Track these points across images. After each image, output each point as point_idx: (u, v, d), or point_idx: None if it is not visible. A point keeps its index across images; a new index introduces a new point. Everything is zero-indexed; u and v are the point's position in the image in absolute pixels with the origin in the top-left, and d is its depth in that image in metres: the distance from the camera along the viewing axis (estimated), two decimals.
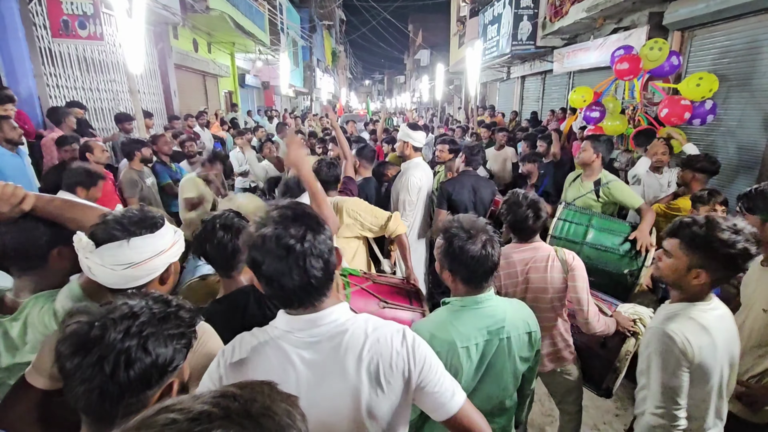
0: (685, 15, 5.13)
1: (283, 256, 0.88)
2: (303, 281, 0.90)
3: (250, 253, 0.91)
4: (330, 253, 0.94)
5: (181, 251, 1.22)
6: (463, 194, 3.11)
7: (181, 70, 8.89)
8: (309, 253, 0.89)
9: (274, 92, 16.67)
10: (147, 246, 1.10)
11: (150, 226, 1.13)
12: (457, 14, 16.61)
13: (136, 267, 1.08)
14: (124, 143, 3.88)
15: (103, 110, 6.39)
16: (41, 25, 5.01)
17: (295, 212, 0.93)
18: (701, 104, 4.35)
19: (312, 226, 0.92)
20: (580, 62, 7.56)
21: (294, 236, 0.89)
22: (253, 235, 0.91)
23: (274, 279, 0.90)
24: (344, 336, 0.96)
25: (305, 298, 0.94)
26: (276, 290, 0.92)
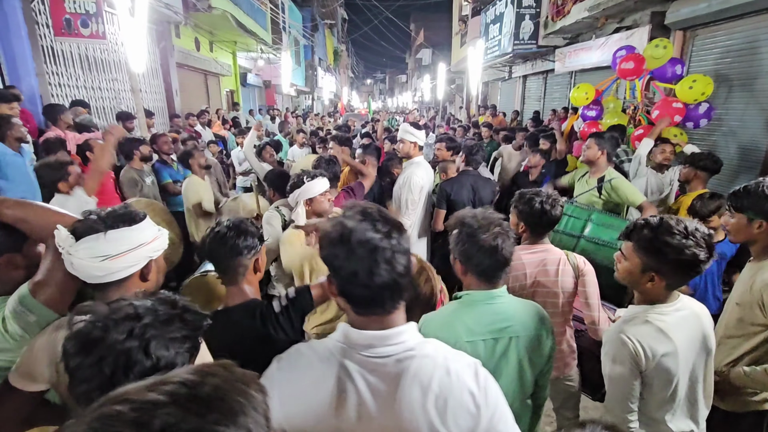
0: (686, 14, 5.12)
1: (371, 249, 0.83)
2: (389, 278, 0.85)
3: (331, 248, 0.86)
4: (408, 255, 0.89)
5: (163, 247, 1.22)
6: (462, 194, 3.11)
7: (182, 69, 8.91)
8: (396, 250, 0.85)
9: (275, 91, 16.68)
10: (124, 239, 1.10)
11: (128, 220, 1.13)
12: (459, 13, 16.59)
13: (112, 259, 1.08)
14: (121, 143, 3.88)
15: (104, 109, 6.40)
16: (44, 23, 5.03)
17: (378, 210, 0.90)
18: (696, 107, 4.33)
19: (395, 224, 0.88)
20: (582, 62, 7.54)
21: (382, 231, 0.85)
22: (334, 229, 0.86)
23: (358, 275, 0.84)
24: (412, 362, 0.88)
25: (386, 300, 0.87)
26: (357, 288, 0.86)
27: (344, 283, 0.87)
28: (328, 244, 0.87)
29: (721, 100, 4.98)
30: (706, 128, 5.03)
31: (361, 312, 0.89)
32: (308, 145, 6.32)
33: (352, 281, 0.86)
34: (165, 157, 4.23)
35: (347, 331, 0.91)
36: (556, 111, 8.54)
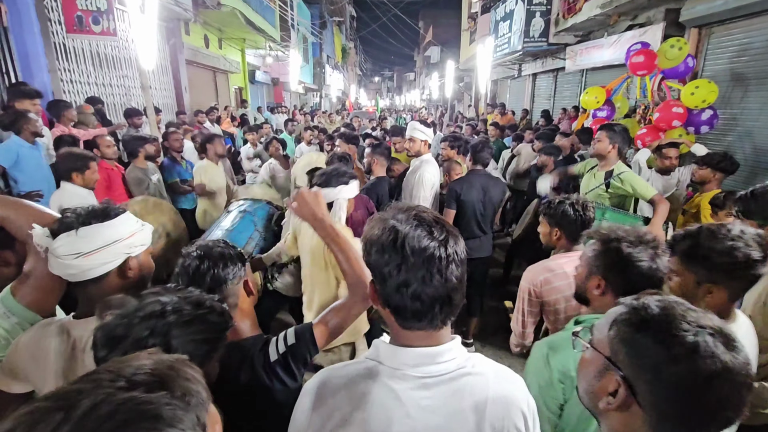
0: (702, 12, 5.01)
1: (426, 258, 0.75)
2: (443, 291, 0.77)
3: (380, 254, 0.77)
4: (464, 264, 0.80)
5: (144, 244, 1.18)
6: (471, 194, 3.07)
7: (192, 66, 8.95)
8: (452, 260, 0.76)
9: (283, 89, 16.71)
10: (96, 235, 1.07)
11: (101, 215, 1.10)
12: (469, 11, 16.46)
13: (86, 257, 1.05)
14: (125, 141, 3.91)
15: (115, 105, 6.46)
16: (56, 20, 5.07)
17: (432, 215, 0.81)
18: (699, 113, 4.26)
19: (452, 232, 0.80)
20: (593, 60, 7.44)
21: (437, 238, 0.76)
22: (387, 231, 0.78)
23: (410, 285, 0.76)
24: (466, 379, 0.81)
25: (437, 315, 0.79)
26: (409, 300, 0.77)
27: (392, 294, 0.79)
28: (376, 249, 0.79)
29: (737, 99, 4.88)
30: (721, 129, 4.94)
31: (408, 326, 0.81)
32: (316, 143, 6.32)
33: (402, 292, 0.77)
34: (175, 155, 4.22)
35: (391, 350, 0.82)
36: (567, 110, 8.44)
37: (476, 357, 0.86)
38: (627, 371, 0.68)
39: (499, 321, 3.89)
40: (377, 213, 0.84)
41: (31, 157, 3.28)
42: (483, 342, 3.55)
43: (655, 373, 0.64)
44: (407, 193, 3.27)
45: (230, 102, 11.36)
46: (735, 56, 4.95)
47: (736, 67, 4.92)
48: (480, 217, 3.13)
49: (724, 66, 5.07)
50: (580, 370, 0.79)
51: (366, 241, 0.82)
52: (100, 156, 3.46)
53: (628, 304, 0.73)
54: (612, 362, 0.70)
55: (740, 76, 4.86)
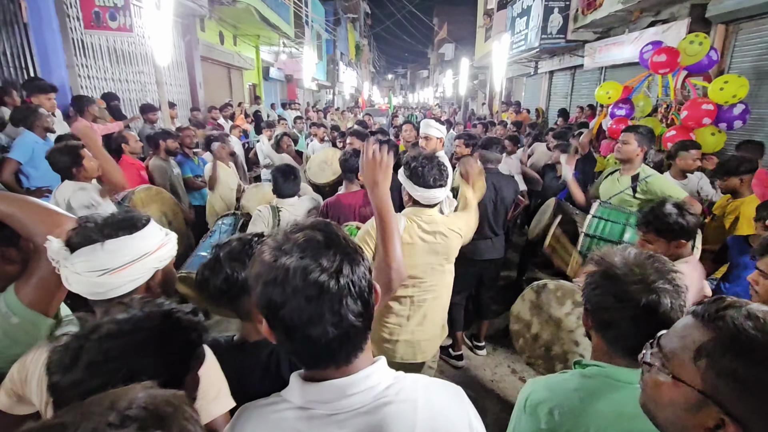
0: (731, 6, 4.82)
1: (312, 296, 0.65)
2: (338, 331, 0.67)
3: (265, 290, 0.67)
4: (370, 292, 0.71)
5: (171, 255, 1.10)
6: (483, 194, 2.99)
7: (206, 63, 9.00)
8: (346, 293, 0.67)
9: (297, 85, 16.74)
10: (125, 249, 0.98)
11: (129, 226, 1.01)
12: (485, 7, 16.22)
13: (113, 273, 0.96)
14: (149, 136, 3.94)
15: (131, 101, 6.52)
16: (74, 16, 5.13)
17: (326, 235, 0.70)
18: (730, 108, 4.09)
19: (349, 255, 0.69)
20: (613, 57, 7.24)
21: (327, 269, 0.66)
22: (268, 266, 0.67)
23: (297, 328, 0.67)
24: (387, 410, 0.71)
25: (338, 354, 0.70)
26: (299, 344, 0.69)
27: (282, 337, 0.69)
28: (261, 284, 0.68)
29: (766, 98, 4.69)
30: (749, 128, 4.76)
31: (311, 367, 0.73)
32: (329, 140, 6.29)
33: (292, 336, 0.68)
34: (187, 151, 4.25)
35: (298, 386, 0.73)
36: (583, 108, 8.24)
37: (405, 380, 0.76)
38: (737, 410, 0.58)
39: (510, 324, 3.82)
40: (268, 238, 0.74)
41: (43, 152, 3.29)
42: (495, 345, 3.47)
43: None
44: None
45: (244, 99, 11.42)
46: (764, 53, 4.75)
47: (765, 64, 4.72)
48: (491, 218, 3.03)
49: (752, 63, 4.87)
50: (654, 396, 0.68)
51: (252, 270, 0.71)
52: (129, 151, 3.53)
53: (713, 324, 0.62)
54: (714, 400, 0.59)
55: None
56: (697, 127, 4.21)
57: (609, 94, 5.08)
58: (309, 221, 0.74)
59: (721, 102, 4.04)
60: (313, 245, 0.68)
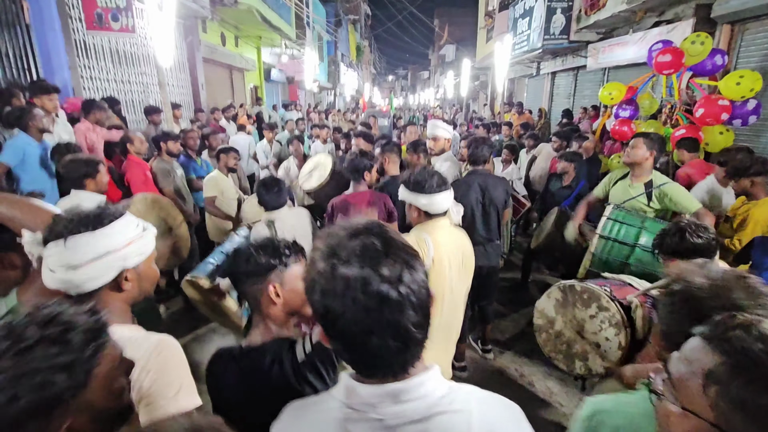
0: (737, 6, 4.79)
1: (373, 307, 0.62)
2: (397, 342, 0.65)
3: (323, 301, 0.65)
4: (428, 299, 0.68)
5: (143, 253, 1.05)
6: (469, 197, 2.81)
7: (208, 64, 8.99)
8: (407, 303, 0.64)
9: (298, 87, 16.73)
10: (86, 246, 0.95)
11: (92, 223, 0.97)
12: (486, 8, 16.22)
13: (75, 270, 0.94)
14: (155, 137, 3.93)
15: (133, 102, 6.51)
16: (76, 17, 5.11)
17: (383, 241, 0.67)
18: (743, 104, 4.06)
19: (408, 262, 0.66)
20: (616, 58, 7.22)
21: (389, 279, 0.63)
22: (326, 276, 0.65)
23: (355, 339, 0.65)
24: (438, 419, 0.68)
25: (395, 365, 0.68)
26: (356, 354, 0.68)
27: (339, 346, 0.69)
28: (318, 292, 0.66)
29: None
30: (754, 128, 4.73)
31: (367, 377, 0.71)
32: (332, 142, 6.27)
33: (351, 347, 0.67)
34: (191, 152, 4.23)
35: (350, 386, 0.71)
36: (587, 109, 8.22)
37: (459, 391, 0.72)
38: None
39: (517, 326, 3.79)
40: (317, 240, 0.71)
41: (35, 155, 3.24)
42: (502, 348, 3.44)
43: None
44: None
45: (246, 100, 11.40)
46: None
47: None
48: (480, 222, 2.88)
49: (758, 63, 4.84)
50: (667, 427, 0.65)
51: (307, 278, 0.69)
52: (134, 151, 3.53)
53: (721, 346, 0.57)
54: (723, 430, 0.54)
55: None
56: (714, 123, 4.14)
57: (612, 95, 5.05)
58: (362, 223, 0.70)
59: (737, 98, 4.00)
60: (371, 253, 0.65)
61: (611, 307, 1.86)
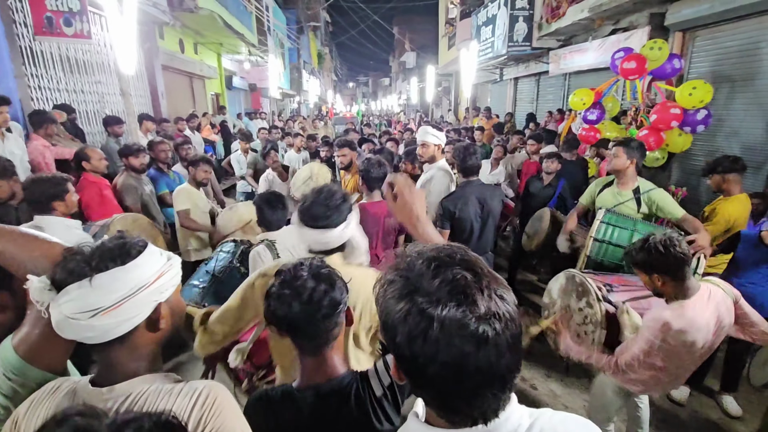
0: (688, 15, 5.13)
1: (471, 352, 0.55)
2: (490, 382, 0.58)
3: (409, 345, 0.58)
4: (519, 332, 0.61)
5: (175, 284, 0.95)
6: (468, 210, 2.73)
7: (168, 72, 8.55)
8: (504, 342, 0.57)
9: (261, 94, 16.34)
10: (118, 282, 0.83)
11: (120, 255, 0.85)
12: (446, 16, 16.60)
13: (105, 313, 0.82)
14: (121, 151, 3.61)
15: (88, 113, 6.04)
16: (21, 22, 4.68)
17: (472, 271, 0.60)
18: (695, 113, 4.35)
19: (500, 294, 0.59)
20: (577, 63, 7.56)
21: (485, 318, 0.56)
22: (413, 316, 0.57)
23: (450, 386, 0.58)
24: None
25: (489, 411, 0.61)
26: (446, 401, 0.62)
27: (424, 389, 0.63)
28: (399, 334, 0.59)
29: (722, 101, 5.01)
30: (710, 131, 5.05)
31: (456, 424, 0.64)
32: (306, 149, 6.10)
33: (442, 390, 0.61)
34: (161, 166, 3.95)
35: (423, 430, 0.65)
36: (552, 113, 8.54)
37: (542, 418, 0.67)
38: None
39: None
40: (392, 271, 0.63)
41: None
42: None
43: None
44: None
45: (208, 108, 10.97)
46: (720, 59, 5.08)
47: (721, 69, 5.05)
48: (478, 235, 2.82)
49: (709, 68, 5.20)
50: None
51: (386, 319, 0.62)
52: (89, 169, 3.16)
53: None
54: None
55: (725, 78, 4.99)
56: (666, 129, 4.43)
57: (584, 101, 5.26)
58: (440, 249, 0.62)
59: (689, 106, 4.27)
60: (462, 289, 0.57)
61: (596, 306, 1.98)
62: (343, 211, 1.48)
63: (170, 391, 0.80)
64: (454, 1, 15.42)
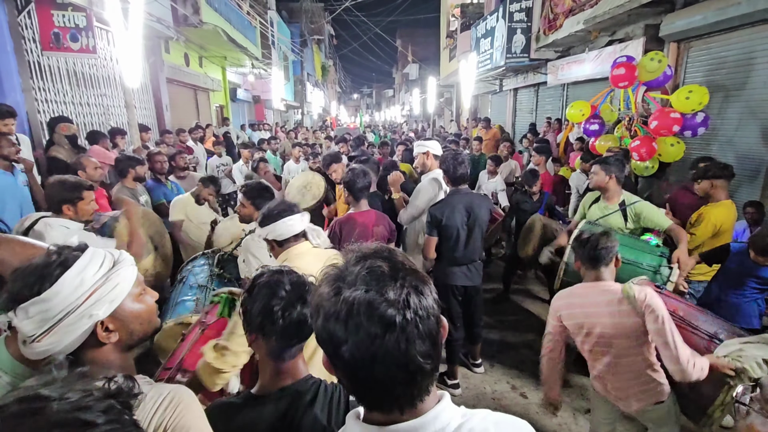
0: (682, 27, 5.20)
1: (377, 334, 0.59)
2: (404, 373, 0.61)
3: (326, 325, 0.62)
4: (438, 325, 0.64)
5: (115, 301, 0.88)
6: (454, 218, 2.77)
7: (172, 85, 8.74)
8: (414, 330, 0.60)
9: (265, 106, 16.58)
10: (38, 314, 0.81)
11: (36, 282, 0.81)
12: (447, 29, 16.84)
13: (39, 340, 0.82)
14: (118, 159, 3.70)
15: (93, 125, 6.17)
16: (30, 38, 4.84)
17: (390, 263, 0.64)
18: (693, 117, 4.39)
19: (416, 286, 0.62)
20: (574, 74, 7.63)
21: (394, 303, 0.59)
22: (330, 299, 0.62)
23: (360, 368, 0.61)
24: None
25: (403, 398, 0.63)
26: (361, 384, 0.64)
27: (343, 375, 0.65)
28: (321, 317, 0.63)
29: (716, 110, 5.05)
30: (704, 138, 5.09)
31: (369, 409, 0.67)
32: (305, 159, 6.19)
33: (355, 376, 0.63)
34: (159, 176, 4.03)
35: (359, 429, 0.67)
36: (551, 122, 8.60)
37: (474, 418, 0.67)
38: None
39: (504, 338, 3.80)
40: (327, 267, 0.68)
41: (5, 184, 2.98)
42: (491, 361, 3.43)
43: None
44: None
45: (212, 120, 11.14)
46: (714, 69, 5.13)
47: (715, 79, 5.09)
48: (464, 244, 2.85)
49: (703, 78, 5.24)
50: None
51: (312, 302, 0.66)
52: (86, 178, 3.23)
53: None
54: None
55: (719, 87, 5.03)
56: (668, 134, 4.44)
57: (582, 112, 5.31)
58: (372, 248, 0.67)
59: (687, 111, 4.30)
60: (377, 276, 0.62)
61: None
62: (297, 206, 1.87)
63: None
64: (455, 14, 15.67)
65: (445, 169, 2.83)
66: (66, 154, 4.12)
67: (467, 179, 2.90)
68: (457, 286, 2.94)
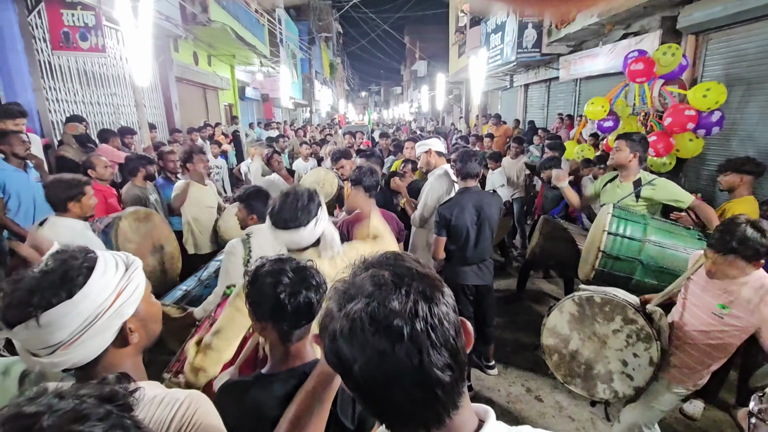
0: (700, 18, 5.04)
1: (386, 349, 0.53)
2: (424, 390, 0.54)
3: (332, 345, 0.57)
4: (458, 334, 0.57)
5: (140, 295, 0.88)
6: (464, 217, 2.73)
7: (181, 83, 8.77)
8: (426, 341, 0.53)
9: (273, 104, 16.60)
10: (68, 318, 0.77)
11: (64, 284, 0.78)
12: (456, 24, 16.66)
13: (65, 348, 0.78)
14: (129, 158, 3.70)
15: (104, 124, 6.21)
16: (41, 37, 4.87)
17: (394, 271, 0.58)
18: (708, 115, 4.25)
19: (424, 292, 0.56)
20: (588, 69, 7.47)
21: (400, 313, 0.53)
22: (332, 315, 0.58)
23: (375, 388, 0.55)
24: None
25: (428, 417, 0.57)
26: (379, 406, 0.58)
27: (361, 401, 0.60)
28: (325, 336, 0.59)
29: (736, 105, 4.89)
30: (724, 134, 4.92)
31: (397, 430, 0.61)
32: (315, 158, 6.16)
33: (370, 399, 0.58)
34: (170, 175, 4.03)
35: None
36: (563, 118, 8.45)
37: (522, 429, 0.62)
38: None
39: (518, 339, 3.72)
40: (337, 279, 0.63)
41: (18, 181, 3.01)
42: (506, 363, 3.36)
43: None
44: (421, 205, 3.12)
45: (220, 119, 11.18)
46: (734, 61, 4.96)
47: (735, 72, 4.93)
48: (474, 243, 2.80)
49: (722, 71, 5.08)
50: None
51: (320, 324, 0.61)
52: (95, 177, 3.24)
53: None
54: None
55: (740, 81, 4.87)
56: (681, 132, 4.32)
57: (603, 108, 5.19)
58: (377, 256, 0.62)
59: (703, 108, 4.17)
60: (379, 286, 0.56)
61: (638, 319, 1.77)
62: (311, 210, 1.53)
63: (152, 400, 0.79)
64: (464, 10, 15.49)
65: (459, 164, 2.79)
66: (73, 153, 4.14)
67: (477, 175, 2.84)
68: (468, 285, 2.89)
